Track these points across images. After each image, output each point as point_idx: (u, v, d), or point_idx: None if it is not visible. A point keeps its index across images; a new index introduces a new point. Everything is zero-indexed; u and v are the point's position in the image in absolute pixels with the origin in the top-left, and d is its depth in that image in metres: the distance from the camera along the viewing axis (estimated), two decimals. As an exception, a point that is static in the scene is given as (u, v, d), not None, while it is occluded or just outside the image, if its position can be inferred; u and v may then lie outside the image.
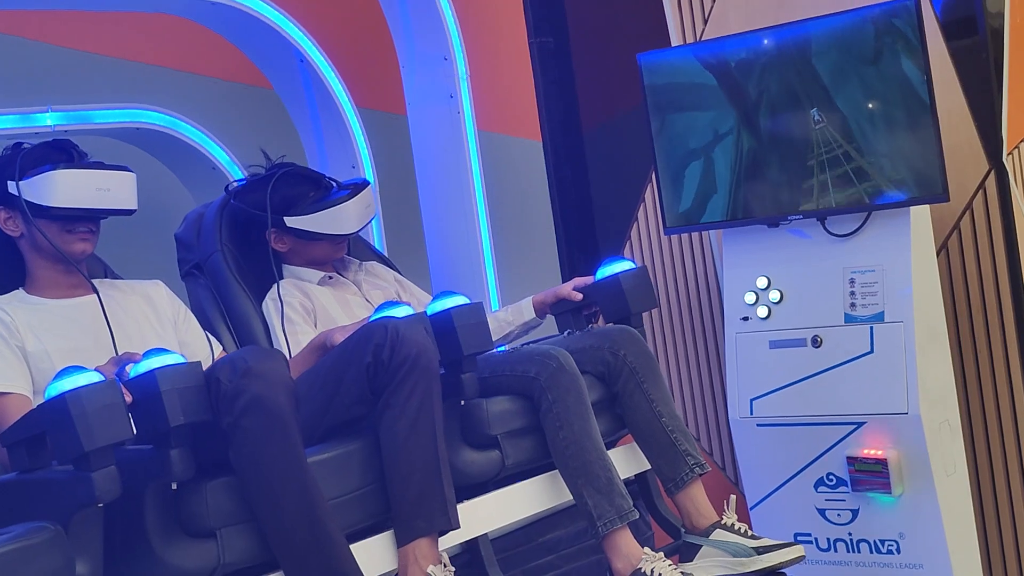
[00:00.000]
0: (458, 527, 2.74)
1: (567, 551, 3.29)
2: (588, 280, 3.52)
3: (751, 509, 3.94)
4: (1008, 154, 3.85)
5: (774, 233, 3.86)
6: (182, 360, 2.39)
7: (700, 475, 3.22)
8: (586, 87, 4.77)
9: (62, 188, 2.78)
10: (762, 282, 3.89)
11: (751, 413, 3.87)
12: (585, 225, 4.78)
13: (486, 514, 2.94)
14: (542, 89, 4.74)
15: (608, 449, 3.12)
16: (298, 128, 4.58)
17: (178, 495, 2.39)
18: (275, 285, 3.37)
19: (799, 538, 3.85)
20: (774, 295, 3.87)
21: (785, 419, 3.81)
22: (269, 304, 3.36)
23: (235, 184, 3.53)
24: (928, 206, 3.69)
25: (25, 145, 2.92)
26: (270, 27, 4.14)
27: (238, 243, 3.48)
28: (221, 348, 3.19)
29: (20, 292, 2.93)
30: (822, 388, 3.75)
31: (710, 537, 3.15)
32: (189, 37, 4.23)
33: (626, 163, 4.65)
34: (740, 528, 3.16)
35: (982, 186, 3.87)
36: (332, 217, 3.38)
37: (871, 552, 3.74)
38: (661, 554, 2.96)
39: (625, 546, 2.96)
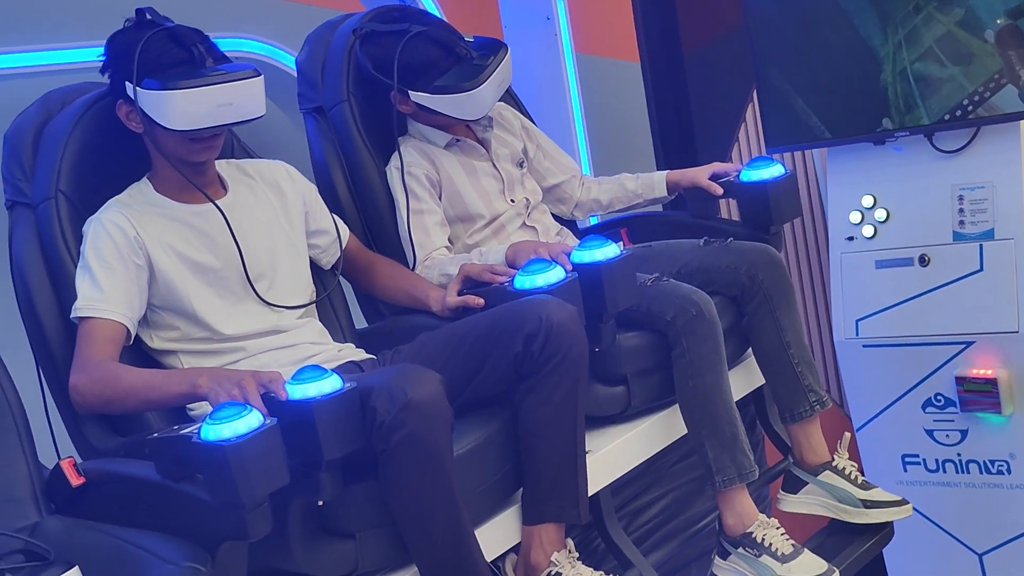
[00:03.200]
0: (587, 521, 2.67)
1: (675, 471, 3.23)
2: (728, 168, 3.33)
3: (857, 431, 3.90)
4: (1123, 64, 3.73)
5: (880, 151, 3.79)
6: (339, 385, 2.26)
7: (823, 408, 3.12)
8: (686, 6, 4.71)
9: (179, 110, 2.54)
10: (868, 201, 3.83)
11: (857, 334, 3.82)
12: (685, 147, 4.73)
13: (607, 464, 2.83)
14: (640, 10, 4.68)
15: (731, 368, 3.03)
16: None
17: None
18: (395, 154, 3.18)
19: (907, 459, 3.82)
20: (880, 214, 3.80)
21: (892, 339, 3.76)
22: (393, 172, 3.17)
23: (362, 28, 3.24)
24: (1040, 120, 3.60)
25: (148, 18, 2.66)
26: (365, -49, 4.12)
27: (364, 92, 3.24)
28: (348, 232, 3.03)
29: (146, 186, 2.73)
30: (930, 308, 3.69)
31: (818, 477, 3.10)
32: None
33: (727, 83, 4.59)
34: (851, 473, 3.09)
35: (1096, 98, 3.76)
36: (462, 100, 3.11)
37: (981, 473, 3.70)
38: (775, 521, 2.89)
39: (740, 505, 2.89)
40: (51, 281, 2.66)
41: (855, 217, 3.84)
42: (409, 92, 3.11)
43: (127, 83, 2.59)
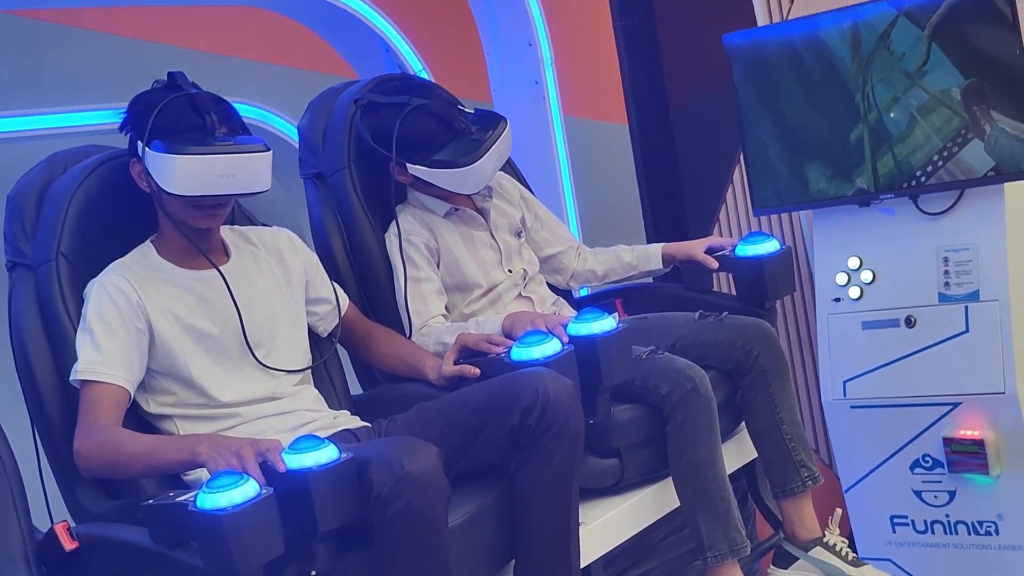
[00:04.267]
0: None
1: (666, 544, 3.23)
2: (724, 243, 3.39)
3: (846, 492, 3.91)
4: (1105, 127, 3.77)
5: (865, 212, 3.82)
6: (336, 455, 2.26)
7: (815, 484, 3.15)
8: (672, 69, 4.75)
9: (180, 175, 2.55)
10: (854, 262, 3.85)
11: (844, 395, 3.84)
12: (674, 208, 4.76)
13: (599, 537, 2.84)
14: (628, 72, 4.72)
15: (724, 442, 3.04)
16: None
17: None
18: (393, 222, 3.19)
19: (895, 520, 3.82)
20: (866, 275, 3.83)
21: (879, 400, 3.78)
22: (392, 239, 3.18)
23: (363, 99, 3.28)
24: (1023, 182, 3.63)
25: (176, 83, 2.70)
26: (355, 17, 4.17)
27: (364, 161, 3.26)
28: (348, 300, 3.05)
29: (150, 250, 2.74)
30: (916, 368, 3.71)
31: (809, 553, 3.11)
32: (276, 29, 4.26)
33: (714, 145, 4.62)
34: (841, 550, 3.10)
35: (1078, 161, 3.80)
36: (458, 175, 3.10)
37: (969, 534, 3.70)
38: None
39: None
40: (49, 343, 2.67)
41: (841, 278, 3.87)
42: (407, 165, 3.13)
43: (139, 142, 2.62)
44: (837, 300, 3.88)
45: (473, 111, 3.26)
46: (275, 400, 2.73)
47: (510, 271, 3.26)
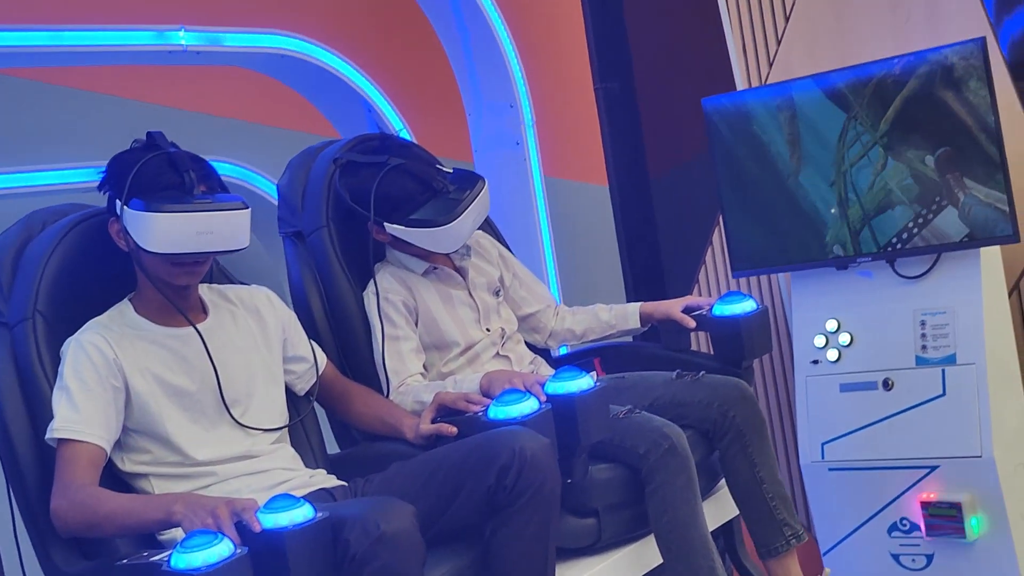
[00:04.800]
0: None
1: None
2: (702, 303, 3.39)
3: (824, 555, 3.90)
4: (1080, 193, 3.81)
5: (843, 275, 3.84)
6: (311, 515, 2.26)
7: (798, 543, 3.14)
8: (652, 132, 4.79)
9: (158, 233, 2.55)
10: (832, 325, 3.87)
11: (822, 457, 3.84)
12: (653, 269, 4.78)
13: None
14: (608, 134, 4.76)
15: (715, 492, 3.04)
16: (366, 177, 4.61)
17: None
18: (372, 281, 3.21)
19: (873, 583, 3.82)
20: (844, 338, 3.84)
21: (857, 463, 3.78)
22: (370, 298, 3.19)
23: (342, 159, 3.29)
24: (999, 247, 3.66)
25: (137, 148, 2.71)
26: (338, 77, 4.19)
27: (343, 219, 3.27)
28: (326, 359, 3.05)
29: (128, 308, 2.73)
30: (894, 431, 3.72)
31: None
32: (258, 89, 4.28)
33: (693, 206, 4.65)
34: None
35: (1053, 226, 3.84)
36: (436, 235, 3.13)
37: (947, 598, 3.70)
38: None
39: None
40: (25, 402, 2.66)
41: (819, 341, 3.88)
42: (386, 224, 3.14)
43: (118, 201, 2.62)
44: (815, 362, 3.89)
45: (452, 170, 3.27)
46: (251, 459, 2.72)
47: (488, 330, 3.26)
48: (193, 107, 4.17)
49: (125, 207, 2.59)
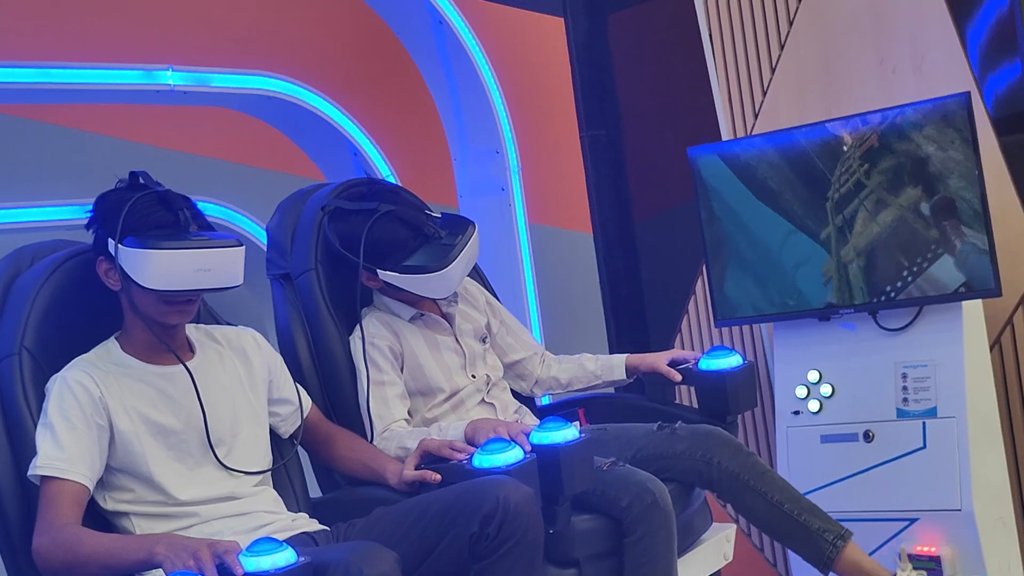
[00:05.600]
0: None
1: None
2: (688, 356, 3.39)
3: (803, 606, 3.89)
4: (1061, 249, 3.84)
5: (825, 327, 3.86)
6: (293, 559, 2.26)
7: (846, 542, 3.11)
8: (637, 180, 4.80)
9: (157, 270, 2.56)
10: (813, 376, 3.88)
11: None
12: (636, 318, 4.79)
13: None
14: (593, 182, 4.78)
15: (690, 550, 3.03)
16: (351, 220, 4.61)
17: None
18: (358, 325, 3.20)
19: (852, 636, 3.80)
20: (825, 389, 3.85)
21: (837, 514, 3.72)
22: (356, 342, 3.18)
23: (330, 205, 3.29)
24: (981, 301, 3.67)
25: (140, 182, 2.72)
26: (324, 120, 4.19)
27: (332, 263, 3.27)
28: (311, 402, 3.04)
29: (114, 346, 2.71)
30: (874, 483, 3.72)
31: None
32: (244, 130, 4.29)
33: (677, 256, 4.66)
34: None
35: (1035, 280, 3.86)
36: (429, 281, 3.12)
37: (926, 651, 3.69)
38: None
39: None
40: (8, 438, 2.64)
41: (801, 392, 3.89)
42: (378, 271, 3.14)
43: (110, 239, 2.61)
44: (797, 413, 3.90)
45: (440, 215, 3.28)
46: (234, 500, 2.71)
47: (473, 376, 3.26)
48: (178, 147, 4.17)
49: (119, 245, 2.59)
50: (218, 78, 3.92)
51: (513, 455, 2.72)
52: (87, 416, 2.59)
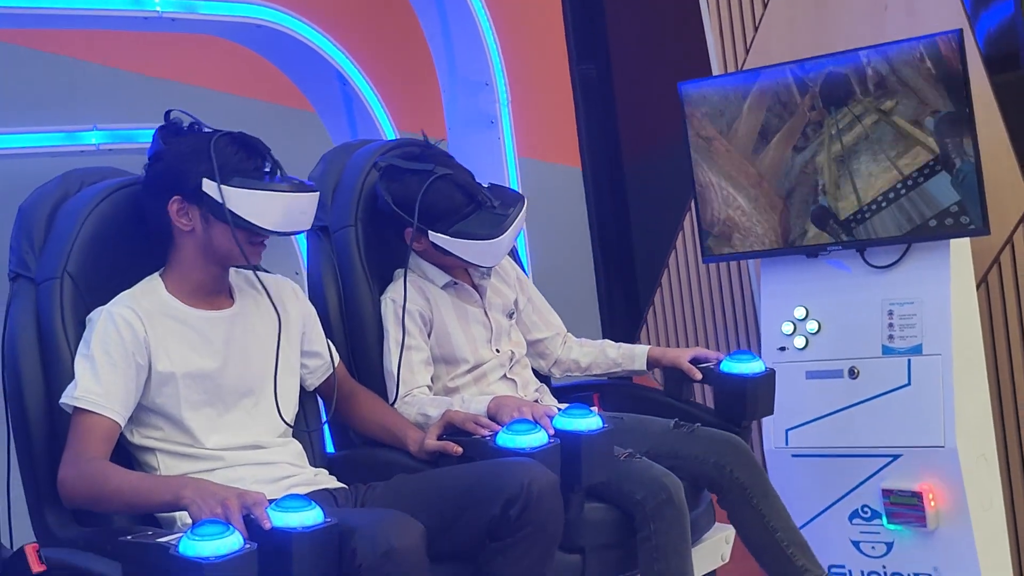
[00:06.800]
0: None
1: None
2: (710, 356, 3.37)
3: (785, 540, 3.92)
4: (1050, 188, 3.85)
5: (813, 263, 3.86)
6: (321, 519, 2.26)
7: None
8: (627, 115, 4.79)
9: (275, 211, 2.64)
10: (800, 312, 3.89)
11: (786, 444, 3.86)
12: (624, 253, 4.79)
13: None
14: (583, 117, 4.76)
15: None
16: (339, 151, 4.59)
17: None
18: (393, 284, 3.20)
19: (832, 570, 3.83)
20: (812, 326, 3.86)
21: (820, 450, 3.80)
22: (388, 303, 3.17)
23: (383, 162, 3.25)
24: (968, 239, 3.68)
25: (199, 128, 2.74)
26: (313, 50, 4.16)
27: (371, 221, 3.26)
28: (339, 359, 3.03)
29: (159, 285, 2.71)
30: (858, 420, 3.74)
31: None
32: (228, 58, 4.26)
33: (666, 191, 4.66)
34: None
35: (1023, 220, 3.86)
36: (479, 248, 3.12)
37: (906, 586, 3.73)
38: None
39: None
40: (42, 361, 2.64)
41: (787, 328, 3.90)
42: (429, 233, 3.12)
43: (205, 179, 2.62)
44: (782, 349, 3.91)
45: (488, 184, 3.28)
46: (259, 449, 2.72)
47: (498, 351, 3.26)
48: (167, 75, 4.15)
49: (223, 186, 2.61)
50: (206, 5, 3.89)
51: (538, 439, 2.71)
52: (129, 354, 2.59)
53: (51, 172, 2.92)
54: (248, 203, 2.62)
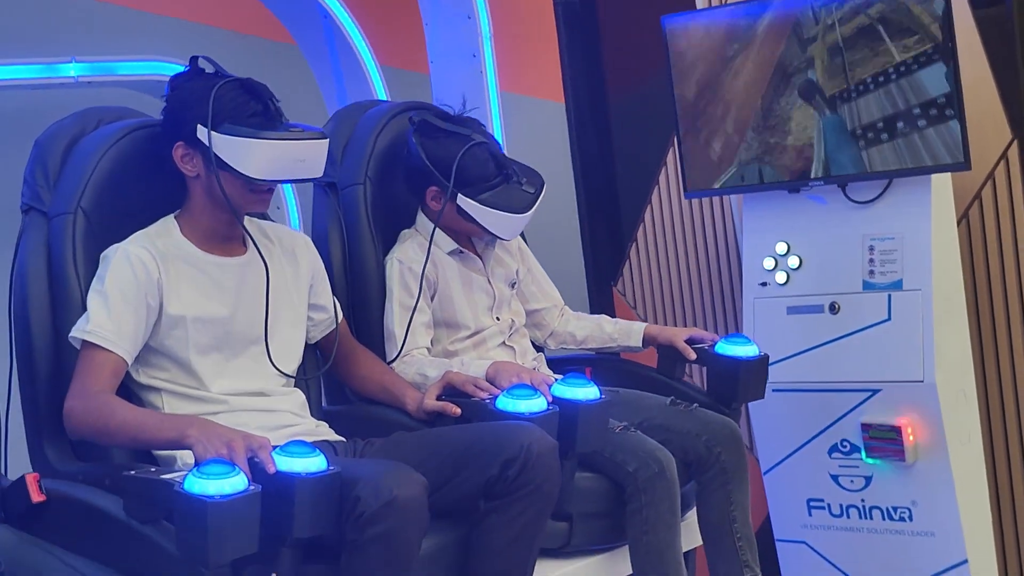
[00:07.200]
0: None
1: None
2: (705, 337, 3.42)
3: (765, 474, 3.95)
4: (1032, 124, 3.84)
5: (794, 199, 3.85)
6: (324, 467, 2.27)
7: None
8: (611, 49, 4.76)
9: (260, 159, 2.61)
10: (781, 248, 3.89)
11: (769, 364, 3.86)
12: (606, 190, 4.78)
13: None
14: (566, 51, 4.72)
15: None
16: (320, 85, 4.58)
17: None
18: (399, 245, 3.26)
19: (812, 503, 3.86)
20: (793, 261, 3.86)
21: (801, 385, 3.81)
22: (394, 263, 3.22)
23: (418, 117, 3.27)
24: (949, 175, 3.68)
25: (207, 69, 2.73)
26: (294, -19, 4.14)
27: (383, 177, 3.31)
28: (343, 317, 3.04)
29: (174, 227, 2.73)
30: (838, 355, 3.75)
31: None
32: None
33: (649, 127, 4.64)
34: None
35: (1004, 156, 3.86)
36: (503, 220, 3.19)
37: (883, 519, 3.75)
38: None
39: None
40: (51, 295, 2.66)
41: (769, 263, 3.90)
42: (459, 196, 3.15)
43: (199, 126, 2.62)
44: (764, 284, 3.92)
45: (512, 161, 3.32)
46: (263, 396, 2.75)
47: (498, 318, 3.30)
48: (138, 5, 4.12)
49: (213, 133, 2.60)
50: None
51: (537, 404, 2.74)
52: (142, 294, 2.61)
53: (30, 104, 2.92)
54: (234, 150, 2.61)
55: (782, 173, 3.80)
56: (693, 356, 3.39)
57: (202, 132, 2.62)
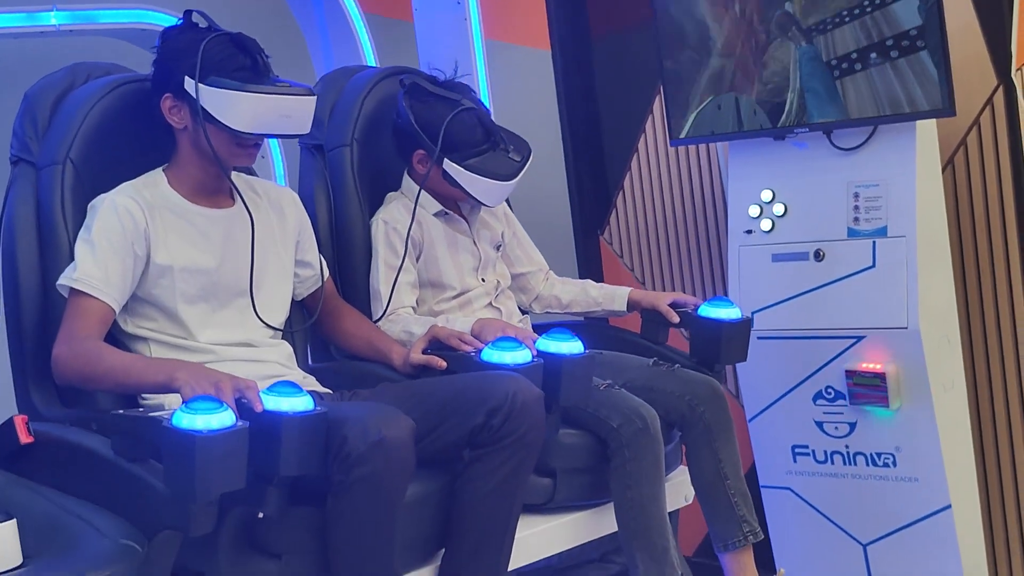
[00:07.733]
0: None
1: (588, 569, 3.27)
2: (688, 300, 3.47)
3: (750, 421, 3.96)
4: (1017, 70, 3.81)
5: (780, 146, 3.85)
6: (311, 406, 2.29)
7: (752, 541, 3.23)
8: (596, -4, 4.74)
9: (245, 112, 2.61)
10: (766, 195, 3.89)
11: (752, 326, 3.87)
12: (593, 137, 4.77)
13: (518, 551, 2.83)
14: (551, -2, 4.70)
15: None
16: (304, 33, 4.55)
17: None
18: (385, 207, 3.29)
19: (796, 450, 3.88)
20: (778, 208, 3.86)
21: (785, 332, 3.82)
22: (379, 224, 3.25)
23: (409, 79, 3.29)
24: (934, 121, 3.67)
25: (200, 23, 2.74)
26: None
27: (370, 139, 3.34)
28: (328, 275, 3.07)
29: (162, 179, 2.77)
30: (823, 302, 3.75)
31: None
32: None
33: (635, 75, 4.63)
34: None
35: (990, 102, 3.85)
36: (488, 186, 3.21)
37: (867, 465, 3.77)
38: None
39: None
40: (39, 244, 2.70)
41: (754, 211, 3.90)
42: (446, 160, 3.18)
43: (187, 78, 2.64)
44: (749, 232, 3.91)
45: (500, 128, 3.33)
46: (250, 347, 2.78)
47: (484, 280, 3.33)
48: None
49: (200, 85, 2.62)
50: None
51: (522, 356, 2.77)
52: (128, 243, 2.63)
53: (11, 53, 2.93)
54: (220, 102, 2.63)
55: (762, 107, 3.78)
56: (676, 319, 3.42)
57: (189, 84, 2.64)
